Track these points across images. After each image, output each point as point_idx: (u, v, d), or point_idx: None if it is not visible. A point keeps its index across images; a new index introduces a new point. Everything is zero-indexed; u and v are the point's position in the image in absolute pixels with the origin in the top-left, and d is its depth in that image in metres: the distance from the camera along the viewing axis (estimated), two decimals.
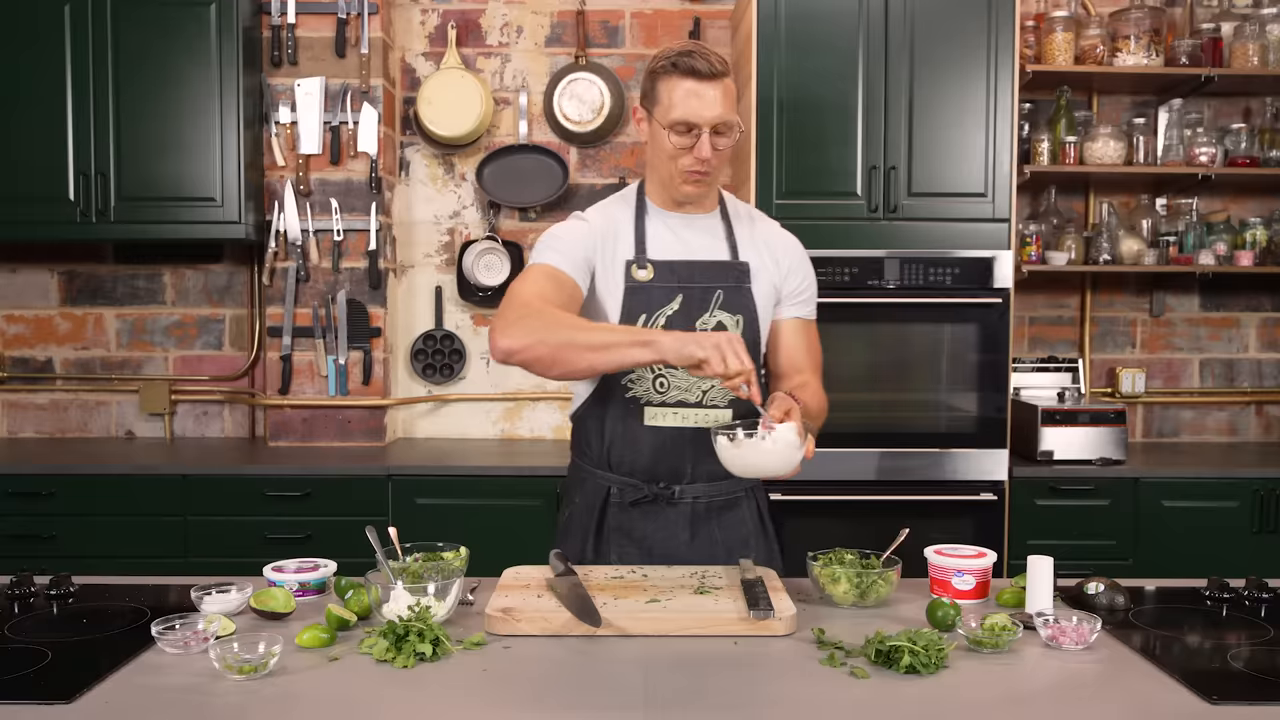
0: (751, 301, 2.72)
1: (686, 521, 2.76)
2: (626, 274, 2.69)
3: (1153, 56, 4.96)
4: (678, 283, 2.69)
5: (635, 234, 2.73)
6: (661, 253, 2.72)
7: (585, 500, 2.83)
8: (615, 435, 2.75)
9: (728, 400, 2.71)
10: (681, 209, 2.76)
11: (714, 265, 2.72)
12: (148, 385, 5.40)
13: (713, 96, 2.57)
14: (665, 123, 2.61)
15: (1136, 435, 5.51)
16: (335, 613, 2.22)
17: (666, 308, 2.67)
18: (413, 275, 5.44)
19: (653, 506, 2.75)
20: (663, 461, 2.72)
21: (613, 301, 2.69)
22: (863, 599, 2.43)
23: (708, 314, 2.69)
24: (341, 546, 3.60)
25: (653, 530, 2.76)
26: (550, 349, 2.39)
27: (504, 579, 2.52)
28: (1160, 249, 5.16)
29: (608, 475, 2.79)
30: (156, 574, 2.82)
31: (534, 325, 2.42)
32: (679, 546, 2.75)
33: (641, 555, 2.75)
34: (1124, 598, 2.43)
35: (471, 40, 5.38)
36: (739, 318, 2.70)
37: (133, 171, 4.80)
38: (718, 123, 2.58)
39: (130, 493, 4.59)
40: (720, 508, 2.79)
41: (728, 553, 2.76)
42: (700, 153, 2.59)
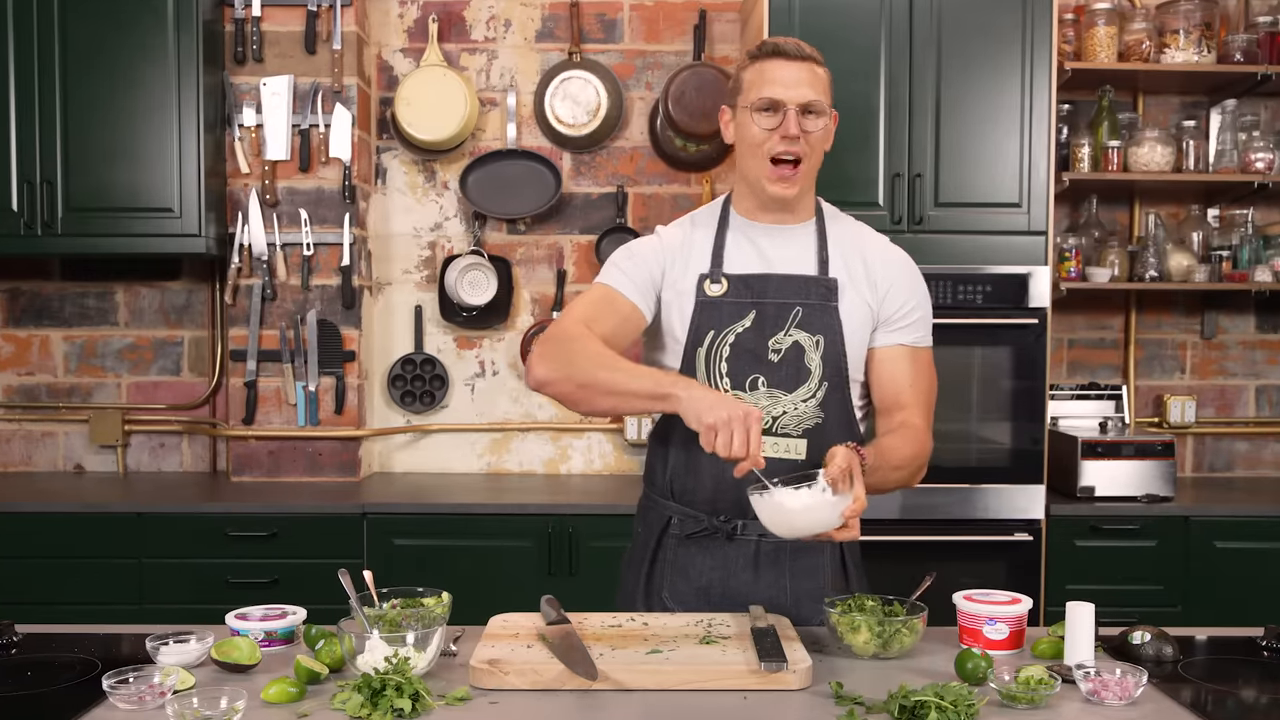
0: (836, 321, 2.71)
1: (750, 562, 2.75)
2: (699, 289, 2.72)
3: (1204, 53, 4.98)
4: (752, 298, 2.71)
5: (714, 247, 2.76)
6: (739, 266, 2.74)
7: (646, 531, 2.86)
8: (678, 461, 2.77)
9: (802, 429, 2.70)
10: (770, 216, 2.78)
11: (795, 280, 2.73)
12: (98, 414, 5.40)
13: (798, 75, 2.63)
14: (749, 104, 2.66)
15: (1186, 469, 5.51)
16: (305, 664, 2.23)
17: (738, 324, 2.70)
18: (390, 293, 5.46)
19: (712, 541, 2.76)
20: (724, 493, 2.70)
21: (681, 320, 2.72)
22: (885, 649, 2.43)
23: (783, 332, 2.70)
24: (312, 592, 3.59)
25: (710, 568, 2.76)
26: (574, 387, 2.54)
27: (490, 627, 2.52)
28: (1212, 264, 5.17)
29: (669, 505, 2.80)
30: (108, 622, 2.83)
31: (567, 358, 2.54)
32: (740, 588, 2.74)
33: (697, 595, 2.75)
34: (1172, 648, 2.44)
35: (455, 35, 5.41)
36: (819, 338, 2.70)
37: (81, 180, 4.81)
38: (804, 102, 2.63)
39: (79, 532, 4.59)
40: (794, 551, 2.76)
41: (796, 601, 2.74)
42: (787, 129, 2.62)
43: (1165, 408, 5.43)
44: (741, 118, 2.71)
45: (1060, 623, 2.41)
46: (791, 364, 2.69)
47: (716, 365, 2.70)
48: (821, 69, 2.68)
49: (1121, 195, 5.39)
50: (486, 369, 5.43)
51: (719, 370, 2.70)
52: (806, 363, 2.69)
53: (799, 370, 2.69)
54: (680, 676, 2.20)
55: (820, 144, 2.70)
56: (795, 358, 2.69)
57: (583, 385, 2.52)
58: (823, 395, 2.70)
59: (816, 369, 2.69)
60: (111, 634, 2.62)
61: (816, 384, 2.69)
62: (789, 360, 2.69)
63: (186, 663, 2.33)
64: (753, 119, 2.66)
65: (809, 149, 2.67)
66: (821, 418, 2.71)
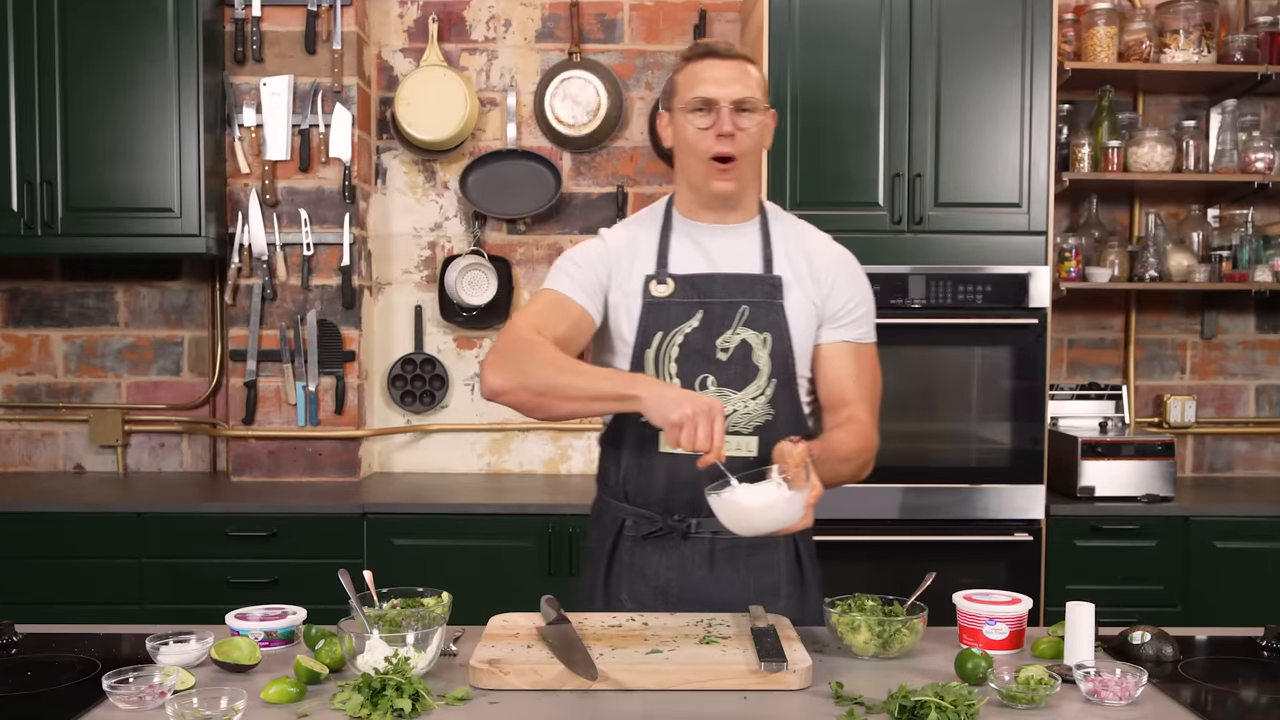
0: (783, 318, 2.73)
1: (705, 559, 2.77)
2: (645, 290, 2.74)
3: (1204, 53, 4.98)
4: (699, 298, 2.73)
5: (658, 248, 2.78)
6: (684, 266, 2.76)
7: (600, 533, 2.88)
8: (631, 463, 2.78)
9: (753, 426, 2.72)
10: (712, 215, 2.80)
11: (740, 279, 2.75)
12: (98, 414, 5.41)
13: (729, 73, 2.67)
14: (683, 106, 2.69)
15: (1186, 469, 5.51)
16: (305, 664, 2.23)
17: (686, 325, 2.71)
18: (390, 293, 5.46)
19: (667, 541, 2.77)
20: (678, 493, 2.73)
21: (629, 321, 2.74)
22: (885, 649, 2.43)
23: (730, 331, 2.72)
24: (311, 592, 3.59)
25: (667, 568, 2.77)
26: (532, 395, 2.54)
27: (490, 627, 2.53)
28: (1212, 264, 5.17)
29: (623, 507, 2.82)
30: (108, 622, 2.82)
31: (521, 366, 2.55)
32: (695, 586, 2.76)
33: (655, 595, 2.77)
34: (1172, 648, 2.44)
35: (455, 35, 5.41)
36: (766, 335, 2.72)
37: (81, 180, 4.81)
38: (738, 99, 2.65)
39: (79, 533, 4.59)
40: (749, 548, 2.77)
41: (754, 598, 2.75)
42: (721, 127, 2.64)
43: (1165, 408, 5.43)
44: (677, 120, 2.74)
45: (1060, 623, 2.41)
46: (740, 362, 2.72)
47: (666, 366, 2.72)
48: (754, 67, 2.73)
49: (1121, 195, 5.39)
50: None
51: (668, 370, 2.71)
52: (755, 360, 2.72)
53: (747, 368, 2.72)
54: (680, 676, 2.20)
55: (757, 140, 2.72)
56: (743, 356, 2.72)
57: (541, 392, 2.53)
58: (772, 392, 2.73)
59: (765, 366, 2.72)
60: (111, 634, 2.62)
61: (765, 381, 2.72)
62: (737, 359, 2.72)
63: (186, 663, 2.33)
64: (687, 120, 2.69)
65: (745, 146, 2.69)
66: (771, 415, 2.73)
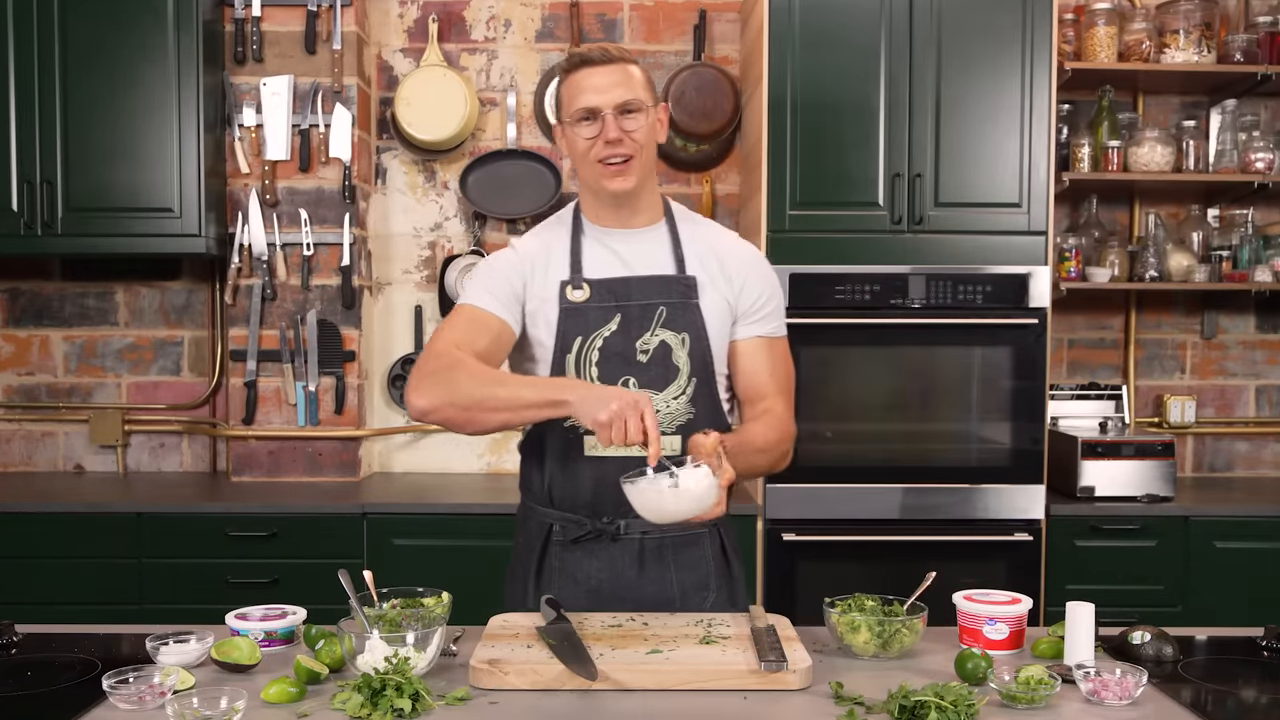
0: (699, 318, 2.77)
1: (634, 559, 2.79)
2: (561, 296, 2.76)
3: (1204, 53, 4.98)
4: (615, 301, 2.76)
5: (571, 254, 2.81)
6: (599, 271, 2.79)
7: (527, 540, 2.90)
8: (555, 468, 2.80)
9: (675, 425, 2.75)
10: (617, 220, 2.83)
11: (655, 281, 2.78)
12: (98, 414, 5.41)
13: (609, 79, 2.70)
14: (569, 118, 2.73)
15: (1186, 469, 5.51)
16: (305, 664, 2.23)
17: (604, 329, 2.75)
18: (390, 293, 5.46)
19: (596, 544, 2.80)
20: (605, 495, 2.73)
21: (548, 327, 2.77)
22: (885, 649, 2.44)
23: (649, 333, 2.75)
24: (311, 592, 3.60)
25: (596, 570, 2.80)
26: (459, 410, 2.58)
27: (490, 627, 2.53)
28: (1212, 264, 5.17)
29: (549, 512, 2.84)
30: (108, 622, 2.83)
31: (446, 384, 2.59)
32: (626, 586, 2.79)
33: (587, 597, 2.78)
34: (1172, 648, 2.44)
35: (455, 35, 5.41)
36: (684, 335, 2.76)
37: (81, 180, 4.81)
38: (620, 103, 2.69)
39: (79, 532, 4.59)
40: (676, 545, 2.81)
41: (683, 595, 2.81)
42: (607, 134, 2.68)
43: (1165, 408, 5.43)
44: (568, 133, 2.76)
45: (1060, 623, 2.42)
46: (660, 363, 2.75)
47: (587, 370, 2.74)
48: (634, 67, 2.75)
49: (1121, 195, 5.40)
50: None
51: (589, 375, 2.74)
52: (674, 360, 2.75)
53: (668, 369, 2.75)
54: (680, 676, 2.20)
55: (648, 139, 2.75)
56: (663, 357, 2.75)
57: (467, 407, 2.56)
58: (692, 391, 2.76)
59: (684, 366, 2.75)
60: (111, 634, 2.63)
61: (685, 381, 2.76)
62: (657, 360, 2.75)
63: (186, 663, 2.34)
64: (575, 132, 2.73)
65: (636, 145, 2.72)
66: (692, 413, 2.76)
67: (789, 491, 4.58)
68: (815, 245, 4.57)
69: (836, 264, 4.56)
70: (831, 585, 2.91)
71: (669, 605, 2.77)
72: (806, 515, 4.58)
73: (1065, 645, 2.35)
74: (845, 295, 4.56)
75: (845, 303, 4.57)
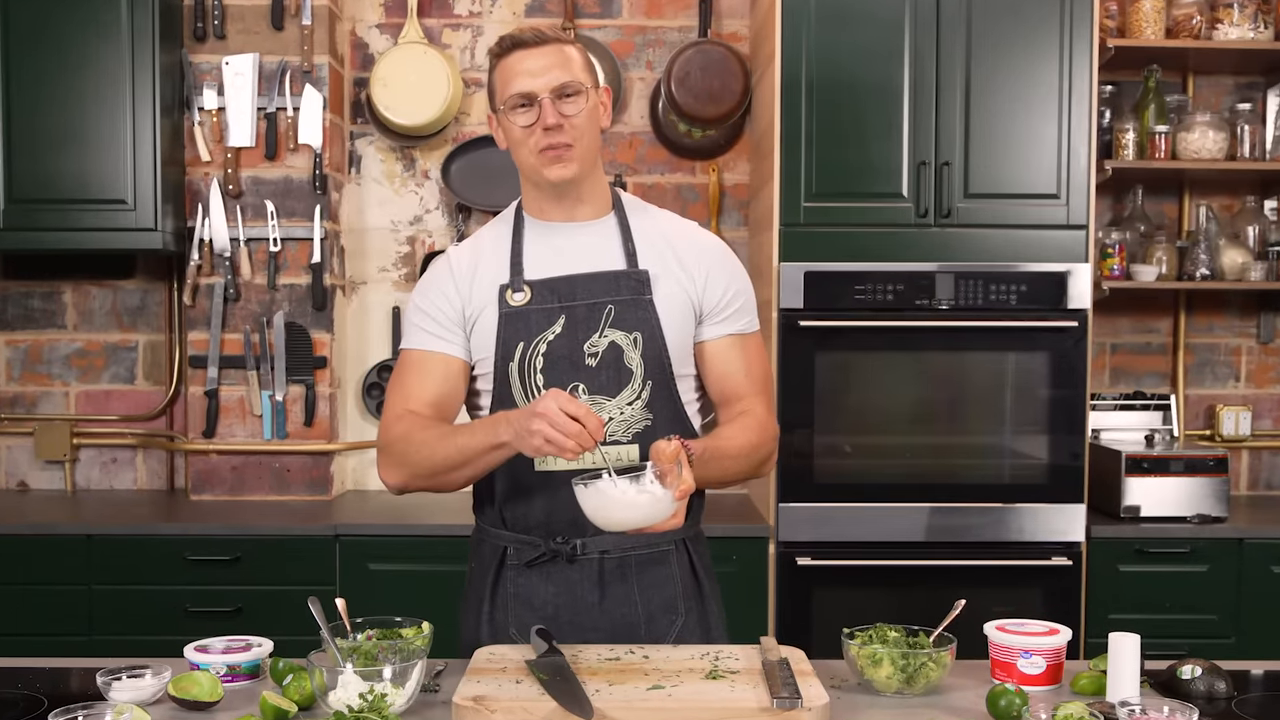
0: (653, 315, 2.77)
1: (594, 582, 2.80)
2: (501, 301, 2.78)
3: (1260, 29, 4.98)
4: (559, 302, 2.77)
5: (511, 254, 2.84)
6: (541, 271, 2.81)
7: (480, 565, 2.93)
8: (506, 487, 2.82)
9: (631, 433, 2.75)
10: (561, 212, 2.86)
11: (602, 277, 2.79)
12: (44, 426, 5.41)
13: (543, 61, 2.72)
14: (504, 105, 2.74)
15: (1241, 487, 5.51)
16: (271, 702, 2.23)
17: (547, 332, 2.76)
18: (365, 293, 5.46)
19: (552, 566, 2.81)
20: (559, 513, 2.74)
21: (488, 336, 2.78)
22: (909, 685, 2.44)
23: (597, 334, 2.75)
24: (278, 621, 3.61)
25: (554, 594, 2.81)
26: (425, 479, 2.73)
27: (476, 661, 2.53)
28: (1270, 261, 5.17)
29: (502, 534, 2.86)
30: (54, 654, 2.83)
31: (402, 458, 2.73)
32: (587, 611, 2.80)
33: (545, 624, 2.76)
34: (1225, 683, 2.44)
35: (436, 10, 5.41)
36: (636, 335, 2.76)
37: (25, 168, 4.81)
38: (556, 85, 2.70)
39: (23, 556, 4.60)
40: (640, 564, 2.82)
41: (649, 618, 2.81)
42: (545, 120, 2.69)
43: (1218, 419, 5.43)
44: (503, 121, 2.78)
45: (1102, 655, 2.42)
46: (611, 366, 2.75)
47: (531, 378, 2.75)
48: (570, 47, 2.78)
49: (1170, 185, 5.40)
50: None
51: (535, 383, 2.75)
52: (627, 363, 2.75)
53: (620, 372, 2.75)
54: (684, 715, 2.20)
55: (589, 124, 2.77)
56: (614, 359, 2.75)
57: (429, 475, 2.70)
58: (648, 395, 2.76)
59: (638, 368, 2.75)
60: (59, 668, 2.63)
61: (640, 384, 2.75)
62: (607, 363, 2.75)
63: (141, 699, 2.34)
64: (511, 119, 2.74)
65: (576, 131, 2.73)
66: (650, 419, 2.77)
67: (803, 511, 4.58)
68: (833, 241, 4.58)
69: (856, 261, 4.56)
70: (850, 614, 2.91)
71: (633, 631, 2.78)
72: (823, 538, 4.58)
73: (1108, 680, 2.35)
74: (866, 295, 4.56)
75: (866, 304, 4.57)
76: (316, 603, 2.44)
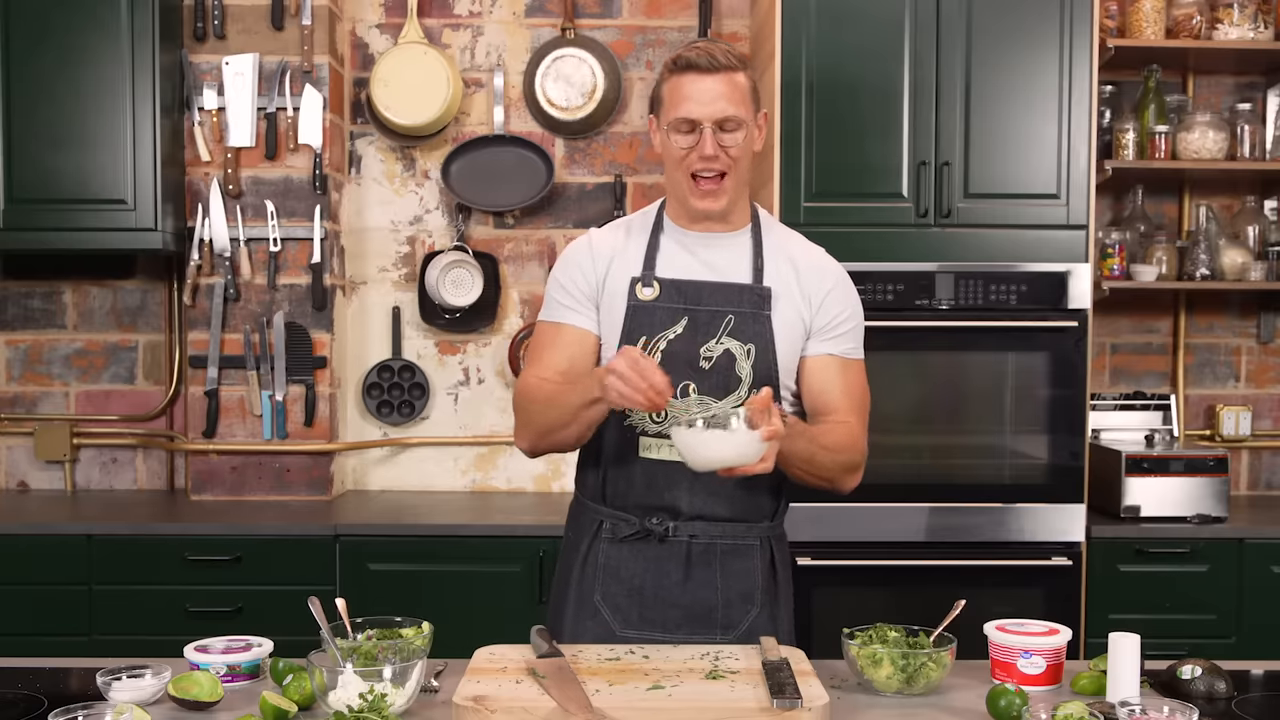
0: (768, 330, 2.89)
1: (680, 563, 2.91)
2: (630, 292, 2.89)
3: (1260, 28, 4.98)
4: (684, 304, 2.89)
5: (646, 251, 2.94)
6: (672, 271, 2.92)
7: (576, 534, 3.05)
8: (610, 467, 2.95)
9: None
10: (702, 227, 2.95)
11: (728, 288, 2.91)
12: (44, 427, 5.41)
13: (713, 90, 2.80)
14: (667, 123, 2.84)
15: (1241, 487, 5.51)
16: (271, 702, 2.23)
17: (670, 330, 2.87)
18: (365, 293, 5.46)
19: (644, 544, 2.93)
20: (657, 496, 2.91)
21: (615, 323, 2.91)
22: (910, 685, 2.44)
23: (714, 340, 2.87)
24: (279, 621, 3.60)
25: (642, 570, 2.93)
26: (544, 438, 2.92)
27: (476, 661, 2.53)
28: (1270, 261, 5.17)
29: (601, 509, 2.98)
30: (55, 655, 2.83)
31: (527, 420, 2.93)
32: (670, 588, 2.91)
33: (629, 596, 2.92)
34: (1225, 684, 2.44)
35: (436, 9, 5.41)
36: (750, 346, 2.87)
37: (25, 168, 4.81)
38: (720, 118, 2.79)
39: (23, 556, 4.59)
40: (725, 553, 2.94)
41: (726, 604, 2.94)
42: (703, 149, 2.79)
43: (1218, 419, 5.43)
44: (663, 135, 2.89)
45: (1102, 655, 2.42)
46: (722, 372, 2.88)
47: None
48: (740, 75, 2.86)
49: (1170, 185, 5.39)
50: (471, 377, 5.44)
51: None
52: (737, 371, 2.88)
53: (729, 378, 2.89)
54: (684, 715, 2.20)
55: (744, 155, 2.89)
56: (726, 366, 2.88)
57: (545, 433, 2.89)
58: None
59: (747, 377, 2.88)
60: (59, 668, 2.63)
61: (747, 392, 2.86)
62: (720, 368, 2.88)
63: (141, 700, 2.34)
64: (671, 138, 2.84)
65: (730, 162, 2.84)
66: None
67: (803, 511, 4.56)
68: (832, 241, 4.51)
69: (856, 261, 4.53)
70: (850, 614, 2.92)
71: (710, 613, 2.91)
72: (823, 537, 4.58)
73: (1108, 680, 2.35)
74: (865, 295, 4.50)
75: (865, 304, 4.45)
76: (316, 603, 2.45)
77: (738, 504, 2.91)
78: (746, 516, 2.93)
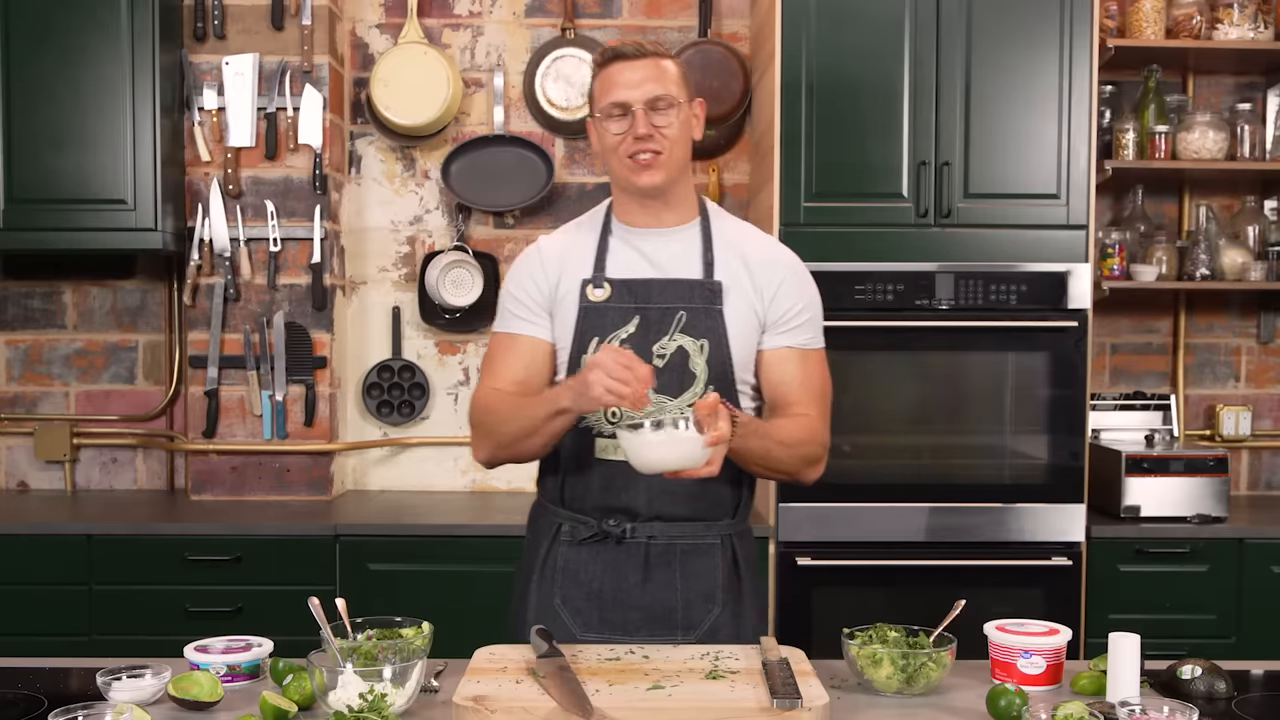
0: (721, 325, 2.91)
1: (639, 564, 2.92)
2: (581, 295, 2.92)
3: (1260, 29, 4.98)
4: (635, 303, 2.91)
5: (596, 252, 2.97)
6: (622, 271, 2.95)
7: (535, 536, 3.08)
8: (568, 469, 2.98)
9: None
10: (648, 218, 2.98)
11: (678, 284, 2.93)
12: (44, 426, 5.41)
13: (641, 74, 2.87)
14: (600, 113, 2.89)
15: (1241, 487, 5.51)
16: (271, 702, 2.23)
17: (622, 330, 2.89)
18: (365, 293, 5.46)
19: (602, 546, 2.94)
20: (614, 497, 2.92)
21: (567, 326, 2.93)
22: (909, 685, 2.44)
23: (667, 337, 2.89)
24: (279, 621, 3.60)
25: (600, 572, 2.94)
26: (505, 451, 2.94)
27: (476, 661, 2.53)
28: (1270, 261, 5.17)
29: (560, 511, 3.01)
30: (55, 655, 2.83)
31: (486, 432, 2.95)
32: (629, 590, 2.91)
33: (589, 599, 2.93)
34: (1225, 684, 2.44)
35: (436, 9, 5.41)
36: (704, 342, 2.89)
37: (25, 168, 4.81)
38: (650, 98, 2.84)
39: (23, 556, 4.59)
40: (685, 553, 2.95)
41: (687, 604, 2.93)
42: (636, 130, 2.83)
43: (1218, 419, 5.43)
44: (598, 127, 2.94)
45: (1102, 655, 2.42)
46: (676, 369, 2.89)
47: None
48: (668, 61, 2.93)
49: (1170, 185, 5.40)
50: (471, 377, 5.44)
51: None
52: (691, 368, 2.89)
53: (684, 375, 2.89)
54: (684, 715, 2.20)
55: (680, 136, 2.91)
56: (680, 363, 2.90)
57: (507, 445, 2.91)
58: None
59: (701, 374, 2.89)
60: (59, 668, 2.63)
61: (702, 388, 2.88)
62: (674, 365, 2.89)
63: (141, 700, 2.34)
64: (605, 126, 2.90)
65: (667, 141, 2.87)
66: None
67: (803, 511, 4.58)
68: (832, 241, 4.57)
69: (856, 261, 4.56)
70: (850, 614, 2.92)
71: (670, 614, 2.91)
72: (823, 537, 4.59)
73: (1108, 680, 2.35)
74: (866, 295, 4.56)
75: (865, 303, 4.57)
76: (316, 603, 2.45)
77: (696, 503, 2.91)
78: (706, 515, 2.93)
